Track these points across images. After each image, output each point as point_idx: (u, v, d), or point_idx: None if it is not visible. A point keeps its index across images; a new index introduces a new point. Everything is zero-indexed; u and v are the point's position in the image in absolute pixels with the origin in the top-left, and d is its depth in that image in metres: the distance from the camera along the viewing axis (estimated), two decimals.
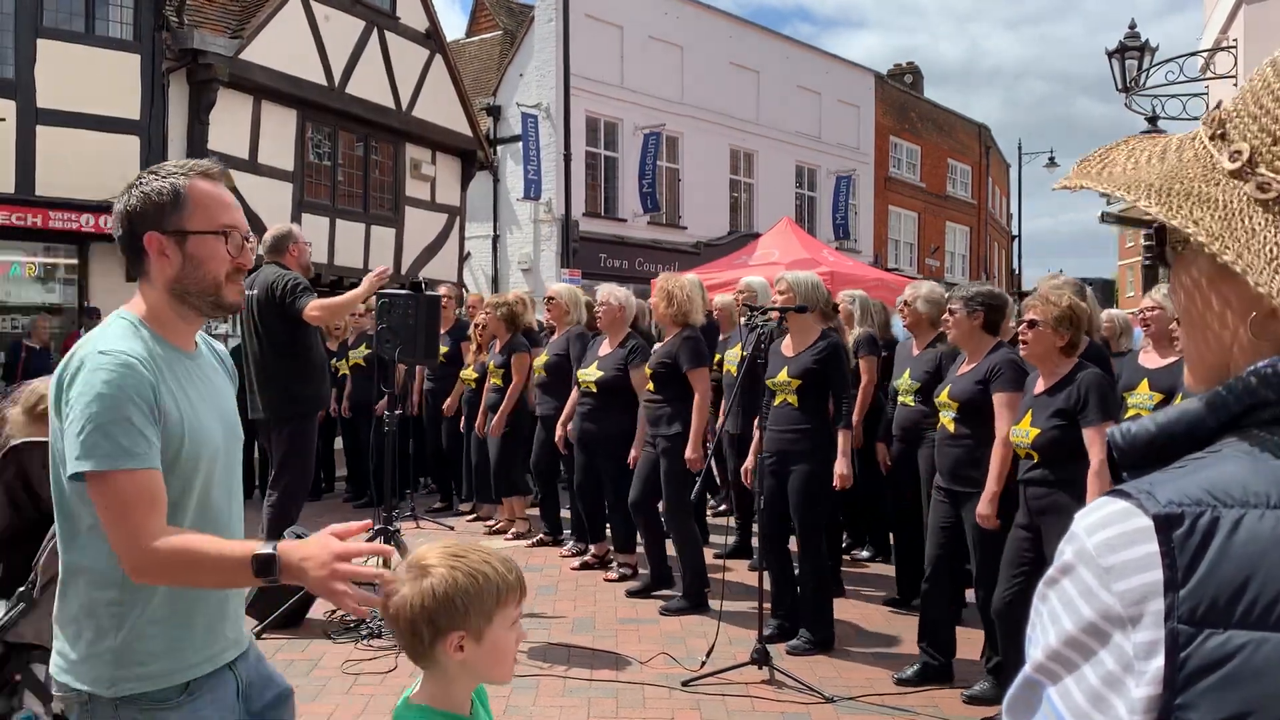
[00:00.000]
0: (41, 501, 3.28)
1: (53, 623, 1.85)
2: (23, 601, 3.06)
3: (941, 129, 30.88)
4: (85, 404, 1.69)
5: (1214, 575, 0.69)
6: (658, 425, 5.75)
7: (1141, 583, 0.70)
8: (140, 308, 1.89)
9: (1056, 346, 3.95)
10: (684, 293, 5.79)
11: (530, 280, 18.00)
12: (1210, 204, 0.79)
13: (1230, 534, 0.70)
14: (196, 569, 1.71)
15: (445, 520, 8.32)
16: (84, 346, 1.79)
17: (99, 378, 1.71)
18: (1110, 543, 0.73)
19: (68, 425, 1.72)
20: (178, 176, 1.85)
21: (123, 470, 1.68)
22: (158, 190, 1.83)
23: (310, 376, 5.82)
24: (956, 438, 4.45)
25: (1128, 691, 0.70)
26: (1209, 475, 0.73)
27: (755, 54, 22.74)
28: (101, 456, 1.67)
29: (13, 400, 3.44)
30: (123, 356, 1.74)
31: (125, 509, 1.68)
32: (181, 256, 1.84)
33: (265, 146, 12.89)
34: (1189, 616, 0.69)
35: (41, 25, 10.86)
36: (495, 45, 20.87)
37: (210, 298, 1.89)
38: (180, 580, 1.75)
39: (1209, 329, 0.83)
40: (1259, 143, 0.79)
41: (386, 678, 4.57)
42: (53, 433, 1.80)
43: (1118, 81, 11.71)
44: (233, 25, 12.66)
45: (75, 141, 10.97)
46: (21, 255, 11.57)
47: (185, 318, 1.91)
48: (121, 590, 1.76)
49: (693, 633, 5.26)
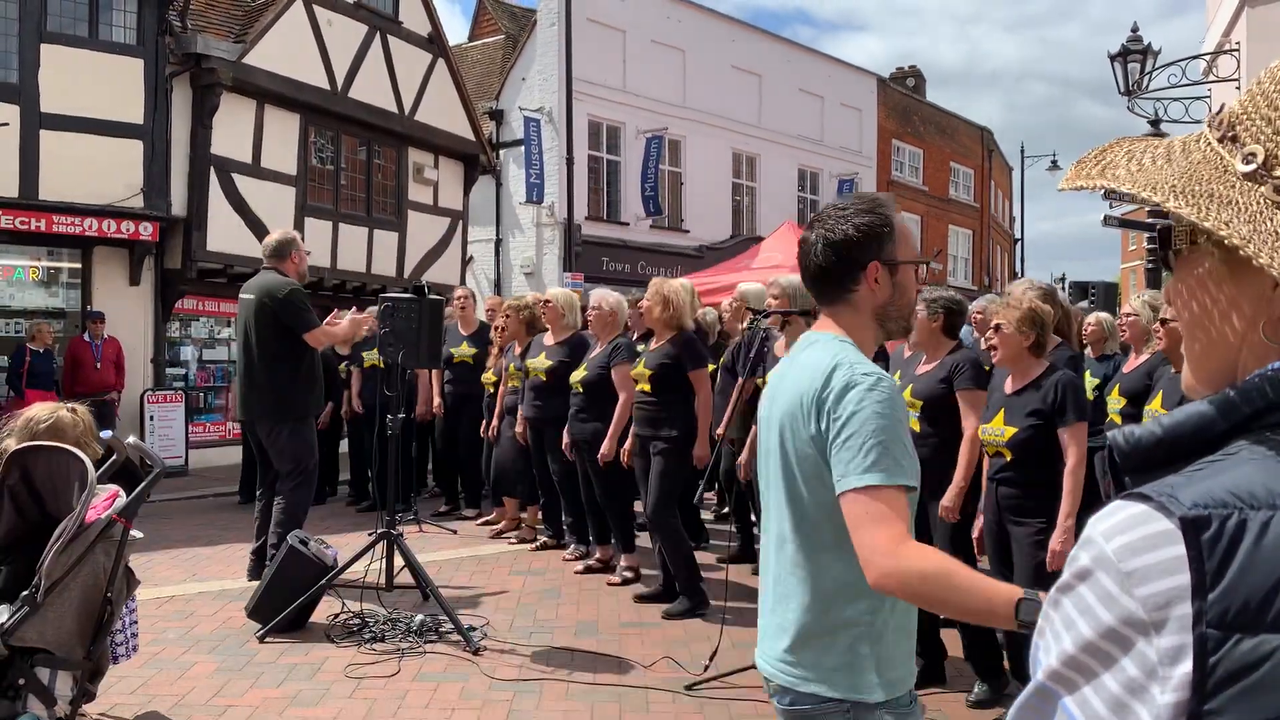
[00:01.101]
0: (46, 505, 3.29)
1: (802, 635, 1.87)
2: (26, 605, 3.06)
3: (944, 132, 30.87)
4: (866, 420, 1.75)
5: (1244, 579, 0.68)
6: (656, 427, 5.76)
7: (1167, 587, 0.69)
8: (837, 330, 1.96)
9: (1023, 347, 4.06)
10: (679, 297, 5.85)
11: (533, 284, 17.99)
12: (1232, 206, 0.78)
13: (1259, 537, 0.69)
14: (947, 590, 1.67)
15: (449, 524, 8.32)
16: (834, 358, 1.85)
17: (876, 397, 1.78)
18: (1132, 546, 0.71)
19: (841, 439, 1.77)
20: (886, 209, 1.97)
21: (896, 486, 1.74)
22: (878, 223, 1.93)
23: (301, 383, 5.86)
24: (921, 436, 4.51)
25: (1152, 698, 0.68)
26: (1231, 478, 0.72)
27: (757, 58, 22.75)
28: (884, 472, 1.73)
29: (9, 430, 3.43)
30: (888, 378, 1.84)
31: (886, 521, 1.71)
32: (891, 285, 1.94)
33: (268, 150, 12.90)
34: (1219, 621, 0.67)
35: (45, 30, 10.87)
36: (498, 49, 20.89)
37: (904, 322, 2.02)
38: (920, 596, 1.74)
39: (1215, 330, 0.82)
40: (1274, 145, 0.78)
41: (390, 682, 4.56)
42: (805, 442, 1.83)
43: (1120, 85, 11.70)
44: (236, 30, 12.68)
45: (79, 146, 10.99)
46: (25, 259, 11.58)
47: (874, 340, 2.01)
48: (873, 599, 1.81)
49: (696, 636, 5.25)
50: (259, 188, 12.74)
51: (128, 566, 3.35)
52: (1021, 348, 4.04)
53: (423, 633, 5.19)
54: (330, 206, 13.90)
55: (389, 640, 5.11)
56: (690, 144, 21.29)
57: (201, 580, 6.51)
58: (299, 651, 4.99)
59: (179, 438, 11.94)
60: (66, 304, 11.90)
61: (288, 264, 5.98)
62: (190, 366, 13.06)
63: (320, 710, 4.25)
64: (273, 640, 5.12)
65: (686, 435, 5.72)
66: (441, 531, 8.04)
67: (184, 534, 8.05)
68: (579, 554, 6.93)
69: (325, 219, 13.68)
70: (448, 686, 4.51)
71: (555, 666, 4.80)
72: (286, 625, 5.20)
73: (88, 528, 3.14)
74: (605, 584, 6.35)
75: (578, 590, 6.24)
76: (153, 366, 12.25)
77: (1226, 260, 0.80)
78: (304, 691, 4.45)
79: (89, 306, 11.53)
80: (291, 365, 5.78)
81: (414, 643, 5.08)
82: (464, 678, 4.63)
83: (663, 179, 20.36)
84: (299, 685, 4.52)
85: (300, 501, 5.87)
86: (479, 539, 7.80)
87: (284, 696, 4.38)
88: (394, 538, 5.53)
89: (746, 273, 11.27)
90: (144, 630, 5.27)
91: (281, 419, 5.81)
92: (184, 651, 4.99)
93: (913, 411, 4.55)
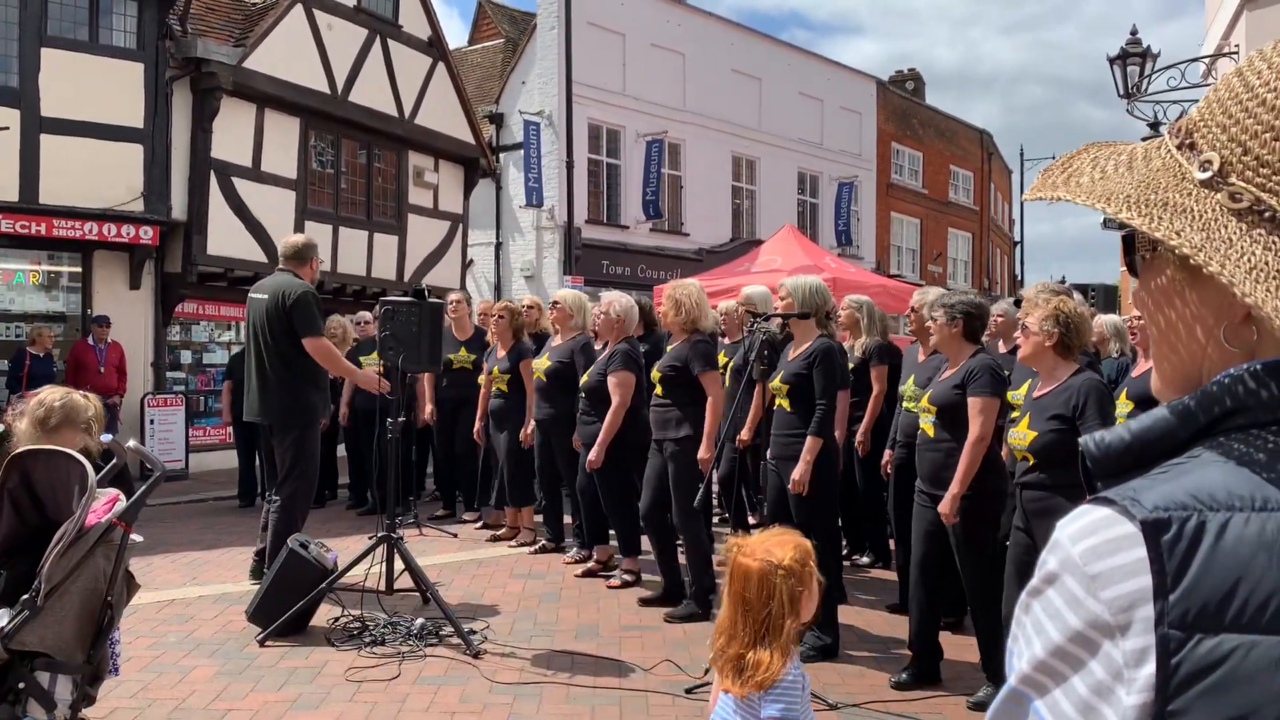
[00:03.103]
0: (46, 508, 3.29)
1: None
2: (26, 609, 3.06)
3: (943, 135, 30.89)
4: None
5: (1203, 579, 0.68)
6: (665, 429, 5.77)
7: (1130, 589, 0.69)
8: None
9: (1046, 346, 3.98)
10: (692, 300, 5.85)
11: (533, 287, 17.99)
12: (1187, 214, 0.79)
13: (1217, 538, 0.69)
14: None
15: (448, 527, 8.32)
16: None
17: None
18: (1096, 550, 0.71)
19: None
20: None
21: None
22: None
23: (311, 385, 5.85)
24: (936, 442, 4.51)
25: (1119, 700, 0.69)
26: (1191, 480, 0.73)
27: (757, 61, 22.77)
28: None
29: (19, 413, 3.44)
30: None
31: None
32: None
33: (268, 154, 12.90)
34: (1180, 621, 0.68)
35: (46, 34, 10.88)
36: (497, 53, 20.91)
37: None
38: None
39: (1179, 336, 0.83)
40: (1229, 153, 0.79)
41: (390, 685, 4.56)
42: None
43: (1120, 87, 11.71)
44: (236, 34, 12.69)
45: (79, 150, 10.99)
46: (25, 263, 11.59)
47: None
48: None
49: (696, 640, 5.25)
50: (259, 191, 12.74)
51: (128, 570, 3.34)
52: (1043, 346, 3.97)
53: (423, 636, 5.19)
54: (330, 210, 13.90)
55: (389, 644, 5.11)
56: (690, 147, 21.30)
57: (201, 584, 6.51)
58: (299, 655, 4.99)
59: (179, 441, 11.94)
60: (67, 308, 11.90)
61: (306, 268, 5.98)
62: (191, 370, 13.07)
63: (321, 714, 4.25)
64: (273, 644, 5.12)
65: (698, 436, 5.72)
66: (441, 535, 8.03)
67: (184, 537, 8.05)
68: (579, 557, 6.93)
69: (325, 223, 13.69)
70: (448, 690, 4.51)
71: (556, 670, 4.80)
72: (287, 629, 5.19)
73: (88, 531, 3.14)
74: (605, 587, 6.35)
75: (578, 593, 6.24)
76: (153, 370, 12.25)
77: (1185, 267, 0.81)
78: (304, 695, 4.44)
79: (90, 310, 11.53)
80: (304, 366, 5.77)
81: (414, 646, 5.07)
82: (464, 681, 4.62)
83: (663, 182, 20.36)
84: (299, 689, 4.52)
85: (299, 505, 5.87)
86: (479, 542, 7.80)
87: (284, 700, 4.38)
88: (394, 541, 5.53)
89: (747, 276, 11.26)
90: (144, 634, 5.28)
91: (292, 421, 5.80)
92: (184, 655, 4.99)
93: (929, 417, 4.53)
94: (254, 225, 12.50)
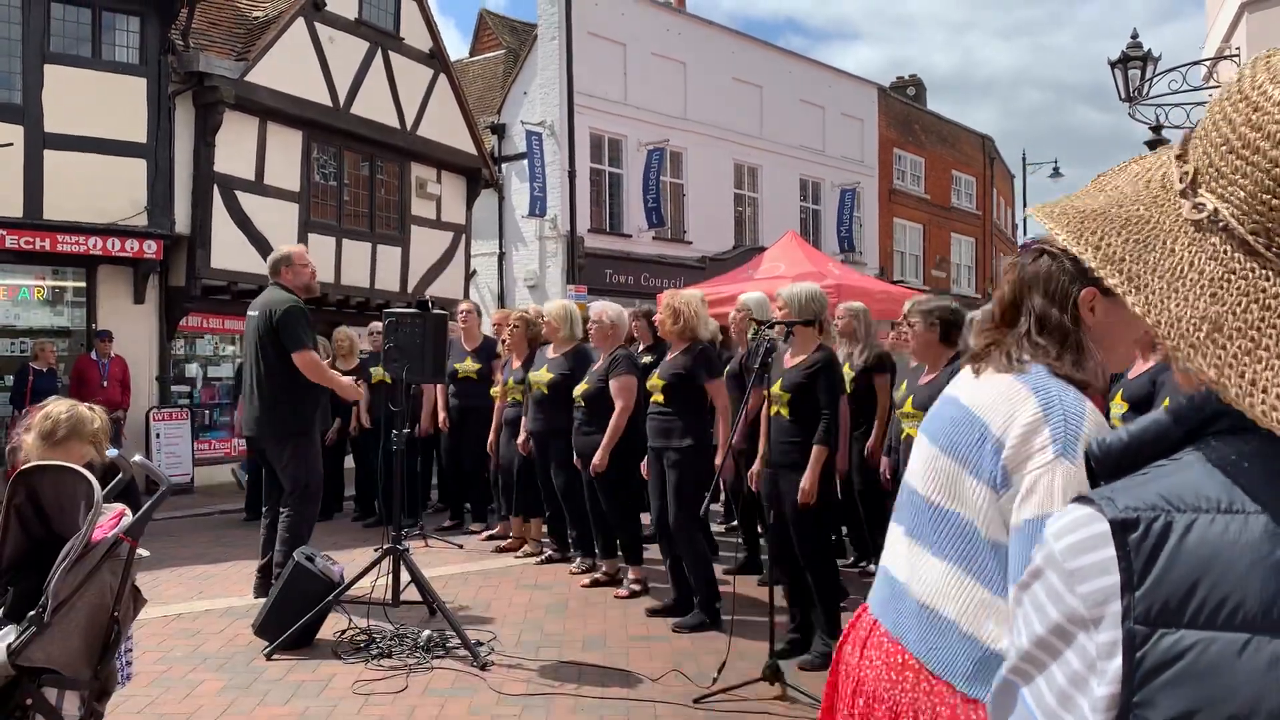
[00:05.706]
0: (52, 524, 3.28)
1: None
2: (34, 625, 3.05)
3: (945, 141, 30.90)
4: None
5: (1166, 577, 0.72)
6: (668, 438, 5.75)
7: (1102, 585, 0.73)
8: None
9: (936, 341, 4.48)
10: (690, 309, 5.83)
11: (536, 297, 18.00)
12: (1136, 225, 0.82)
13: (1182, 537, 0.73)
14: None
15: (454, 539, 8.31)
16: None
17: None
18: (1074, 547, 0.76)
19: None
20: None
21: None
22: None
23: (304, 398, 5.86)
24: None
25: (1090, 690, 0.73)
26: (1167, 482, 0.77)
27: (758, 69, 22.80)
28: None
29: (26, 427, 3.44)
30: None
31: None
32: None
33: (271, 167, 12.94)
34: (1144, 617, 0.72)
35: (48, 50, 10.93)
36: (499, 64, 20.96)
37: None
38: None
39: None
40: (1202, 164, 0.82)
41: (397, 698, 4.55)
42: None
43: (1120, 91, 11.69)
44: (238, 48, 12.73)
45: (82, 165, 11.03)
46: (30, 279, 11.62)
47: None
48: None
49: (704, 649, 5.24)
50: (262, 204, 12.78)
51: (134, 585, 3.34)
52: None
53: (430, 648, 5.18)
54: (333, 222, 13.93)
55: (396, 656, 5.10)
56: (692, 155, 21.33)
57: (208, 598, 6.50)
58: (306, 668, 4.98)
59: (185, 455, 11.95)
60: (71, 323, 11.93)
61: (287, 276, 6.01)
62: (195, 384, 13.08)
63: None
64: (280, 657, 5.11)
65: (699, 445, 5.71)
66: (448, 546, 8.02)
67: (190, 552, 8.04)
68: (585, 567, 6.91)
69: (328, 235, 13.72)
70: (455, 701, 4.50)
71: (563, 681, 4.79)
72: (293, 642, 5.19)
73: (94, 547, 3.14)
74: (613, 597, 6.33)
75: (585, 604, 6.23)
76: (158, 384, 12.27)
77: None
78: (311, 708, 4.43)
79: (94, 325, 11.56)
80: (296, 381, 5.79)
81: (421, 658, 5.06)
82: (471, 693, 4.61)
83: (665, 190, 20.39)
84: (306, 702, 4.51)
85: (305, 518, 5.87)
86: (485, 553, 7.79)
87: (291, 713, 4.37)
88: (400, 553, 5.52)
89: (749, 283, 11.25)
90: (151, 649, 5.27)
91: (286, 435, 5.82)
92: (191, 670, 4.98)
93: (914, 422, 4.54)
94: (257, 238, 12.52)
